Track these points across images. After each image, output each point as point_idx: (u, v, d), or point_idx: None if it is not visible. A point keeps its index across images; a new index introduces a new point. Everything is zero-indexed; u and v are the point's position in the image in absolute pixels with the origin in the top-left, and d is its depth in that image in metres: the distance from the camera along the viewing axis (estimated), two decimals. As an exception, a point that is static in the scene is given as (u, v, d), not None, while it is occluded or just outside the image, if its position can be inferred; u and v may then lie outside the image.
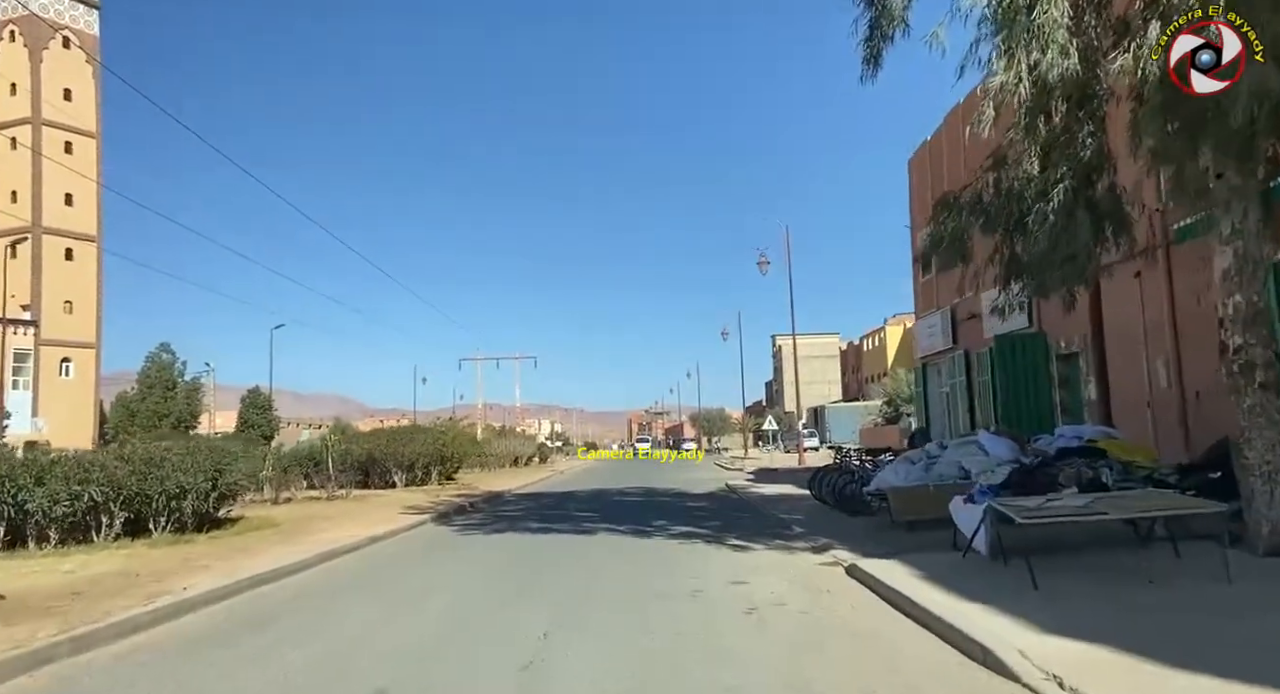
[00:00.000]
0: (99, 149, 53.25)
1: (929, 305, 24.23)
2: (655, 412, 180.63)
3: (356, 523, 15.05)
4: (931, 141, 23.52)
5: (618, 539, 12.74)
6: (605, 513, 17.25)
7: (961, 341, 21.83)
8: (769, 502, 17.90)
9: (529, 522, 15.85)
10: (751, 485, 23.61)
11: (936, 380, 24.97)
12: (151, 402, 47.57)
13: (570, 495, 23.59)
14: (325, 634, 6.88)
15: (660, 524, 14.72)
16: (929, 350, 24.23)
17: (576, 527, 14.72)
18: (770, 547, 11.42)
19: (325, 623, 7.25)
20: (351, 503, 19.90)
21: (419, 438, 24.92)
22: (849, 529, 12.31)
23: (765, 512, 16.09)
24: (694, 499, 20.75)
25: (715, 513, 16.76)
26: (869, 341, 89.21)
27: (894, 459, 14.46)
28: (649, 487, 25.86)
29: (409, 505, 18.86)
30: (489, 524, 15.83)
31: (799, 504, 16.63)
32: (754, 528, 13.69)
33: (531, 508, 19.52)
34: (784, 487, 22.19)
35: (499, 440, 48.03)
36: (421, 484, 25.61)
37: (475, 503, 20.61)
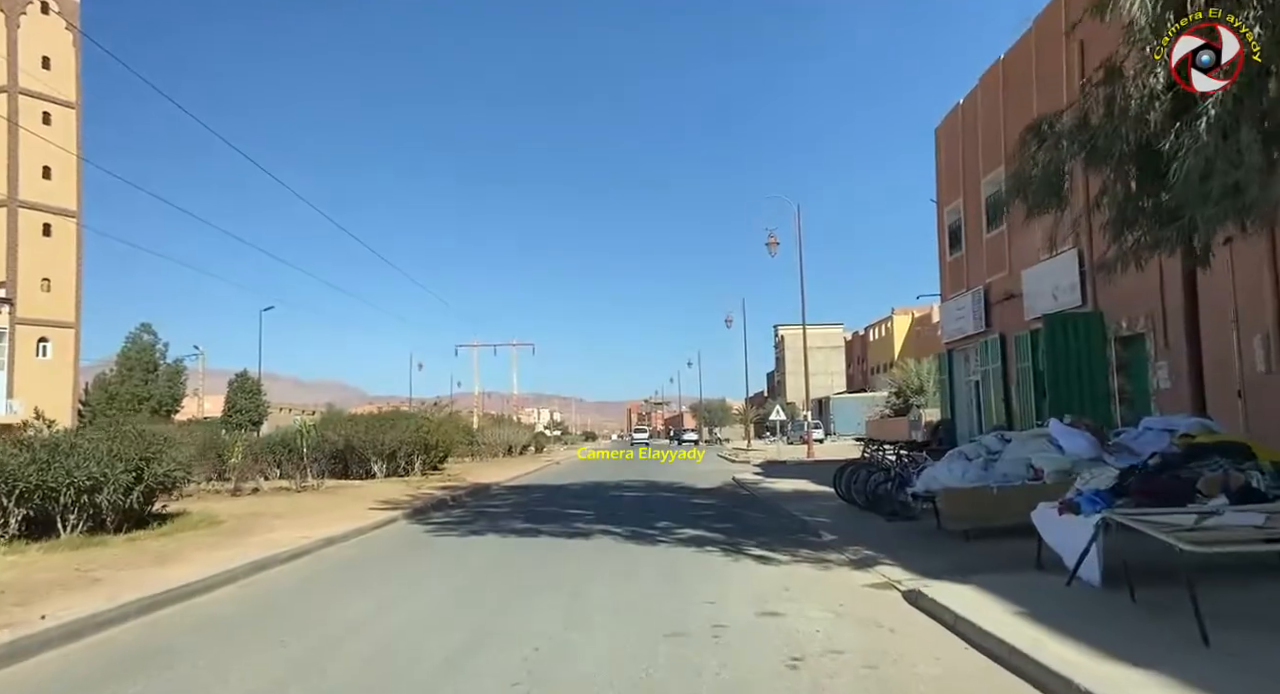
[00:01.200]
0: (79, 120, 51.06)
1: (957, 286, 22.21)
2: (655, 401, 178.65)
3: (314, 520, 13.09)
4: (965, 103, 21.45)
5: (615, 546, 10.78)
6: (601, 511, 15.30)
7: (996, 324, 19.82)
8: (785, 499, 15.94)
9: (514, 521, 13.89)
10: (762, 480, 21.66)
11: (963, 368, 22.97)
12: (131, 384, 45.49)
13: (564, 489, 21.64)
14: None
15: (664, 525, 12.77)
16: (956, 335, 22.23)
17: (567, 527, 12.77)
18: (798, 558, 9.46)
19: (199, 685, 5.18)
20: (319, 496, 17.94)
21: (400, 425, 22.95)
22: (889, 537, 10.36)
23: (784, 512, 14.13)
24: (700, 495, 18.79)
25: (726, 512, 14.80)
26: (875, 332, 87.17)
27: (927, 456, 12.51)
28: (650, 480, 23.90)
29: (383, 499, 16.90)
30: (468, 523, 13.89)
31: (821, 503, 14.67)
32: (774, 532, 11.74)
33: (519, 503, 17.57)
34: (798, 482, 20.25)
35: (493, 429, 46.10)
36: (403, 475, 23.66)
37: (458, 496, 18.66)
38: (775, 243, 35.35)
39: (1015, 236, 18.49)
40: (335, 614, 7.05)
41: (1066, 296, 15.98)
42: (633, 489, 20.87)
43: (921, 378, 55.34)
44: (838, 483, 14.29)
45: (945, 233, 23.03)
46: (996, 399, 19.68)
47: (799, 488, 18.54)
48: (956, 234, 22.41)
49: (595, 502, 17.35)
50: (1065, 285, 16.00)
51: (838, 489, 14.31)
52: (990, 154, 19.60)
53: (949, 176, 22.56)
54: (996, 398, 19.67)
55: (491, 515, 15.05)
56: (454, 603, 7.51)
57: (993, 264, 19.81)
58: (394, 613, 7.12)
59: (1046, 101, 16.23)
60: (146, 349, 46.98)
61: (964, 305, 21.47)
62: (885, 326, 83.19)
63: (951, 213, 22.67)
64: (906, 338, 78.46)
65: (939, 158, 23.49)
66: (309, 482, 19.72)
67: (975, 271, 20.98)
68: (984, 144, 20.01)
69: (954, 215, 22.59)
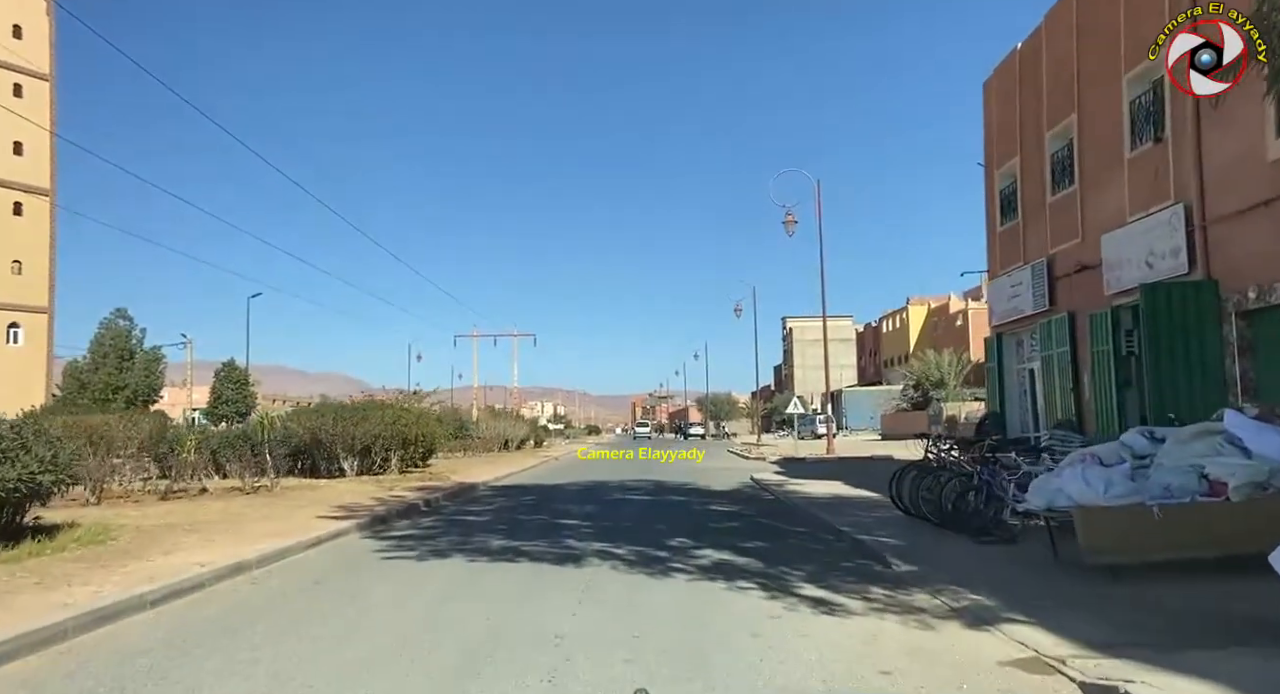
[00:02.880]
0: (53, 93, 48.31)
1: (1011, 260, 19.38)
2: (659, 395, 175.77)
3: (239, 535, 10.38)
4: (1024, 49, 18.57)
5: (614, 579, 8.03)
6: (600, 521, 12.57)
7: (1062, 302, 17.00)
8: (823, 507, 13.17)
9: (492, 535, 11.14)
10: (786, 481, 18.88)
11: (1015, 354, 20.16)
12: (104, 373, 42.82)
13: (559, 491, 18.91)
14: None
15: (679, 544, 10.04)
16: (1009, 316, 19.40)
17: (556, 546, 10.04)
18: (873, 602, 6.73)
19: None
20: (268, 499, 15.21)
21: (373, 417, 20.22)
22: (992, 570, 7.60)
23: (827, 525, 11.36)
24: (717, 500, 16.04)
25: (754, 526, 12.04)
26: (889, 323, 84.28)
27: (1017, 455, 9.75)
28: (657, 480, 21.15)
29: (341, 504, 14.19)
30: (436, 536, 11.17)
31: (872, 515, 11.92)
32: (825, 557, 9.00)
33: (504, 509, 14.84)
34: (829, 483, 17.48)
35: (490, 422, 43.38)
36: (379, 473, 20.94)
37: (434, 500, 15.93)
38: (793, 221, 32.50)
39: (1092, 195, 15.67)
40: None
41: (1166, 263, 13.16)
42: (638, 491, 18.13)
43: (942, 370, 52.60)
44: (895, 489, 11.52)
45: (996, 200, 20.18)
46: (1062, 389, 16.86)
47: (834, 492, 15.77)
48: (1010, 200, 19.57)
49: (594, 508, 14.61)
50: (1165, 250, 13.18)
51: (894, 497, 11.54)
52: (1059, 103, 16.76)
53: (1002, 134, 19.71)
54: (1062, 387, 16.85)
55: (467, 527, 12.31)
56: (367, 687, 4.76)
57: (1059, 231, 16.99)
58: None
59: (1139, 32, 13.41)
60: (121, 335, 44.27)
61: (1020, 281, 18.63)
62: (900, 317, 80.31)
63: (1004, 176, 19.84)
64: (922, 329, 75.58)
65: (988, 115, 20.63)
66: (264, 482, 16.99)
67: (1035, 242, 18.14)
68: (1050, 92, 17.15)
69: (1007, 179, 19.75)
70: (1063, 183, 16.94)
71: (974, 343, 65.15)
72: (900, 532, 10.03)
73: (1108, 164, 14.93)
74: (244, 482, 16.61)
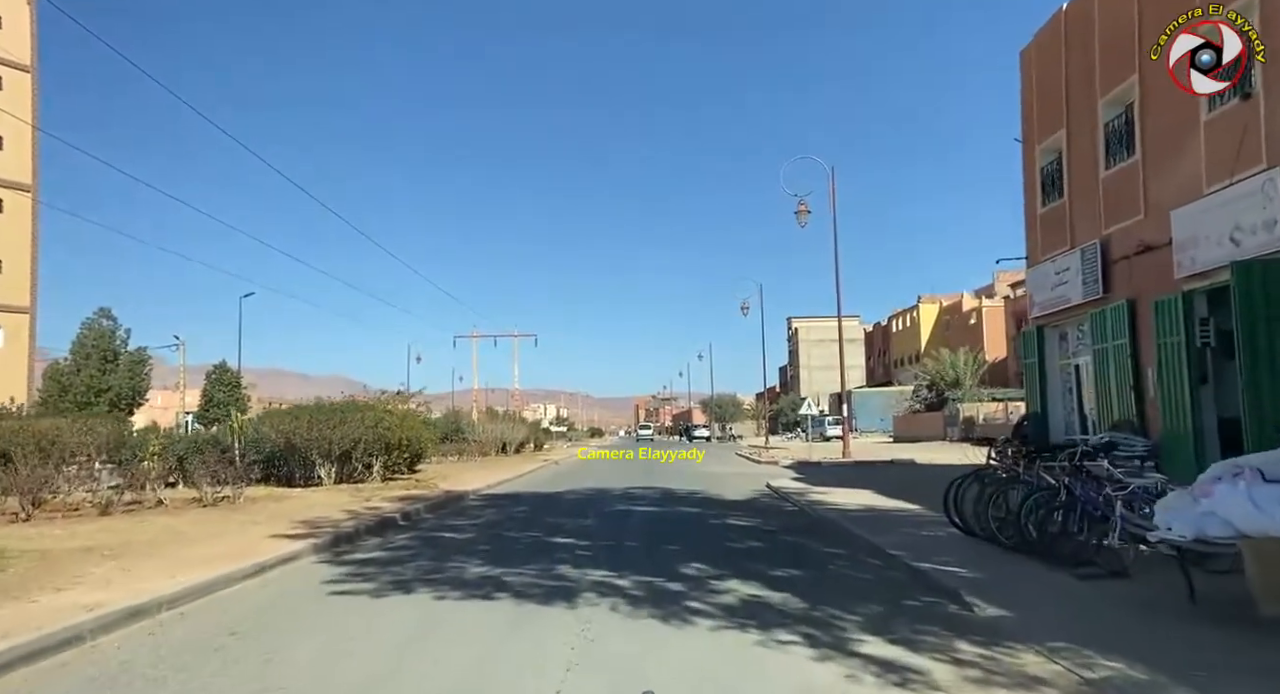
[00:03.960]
0: (35, 86, 46.66)
1: (1055, 244, 17.56)
2: (662, 397, 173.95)
3: (171, 559, 8.65)
4: (1072, 9, 16.74)
5: (617, 626, 6.23)
6: (600, 540, 10.77)
7: (1120, 288, 15.18)
8: (859, 523, 11.35)
9: (471, 559, 9.35)
10: (807, 489, 17.06)
11: (1058, 348, 18.35)
12: (86, 375, 41.08)
13: (556, 500, 17.13)
14: None
15: (696, 572, 8.26)
16: (1053, 306, 17.59)
17: (546, 574, 8.26)
18: (964, 667, 4.97)
19: None
20: (223, 513, 13.43)
21: (353, 419, 18.43)
22: (1113, 616, 5.82)
23: (870, 547, 9.54)
24: (734, 512, 14.22)
25: (783, 546, 10.22)
26: (898, 322, 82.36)
27: (1112, 464, 7.93)
28: (664, 487, 19.36)
29: (305, 519, 12.44)
30: (405, 560, 9.38)
31: (923, 533, 10.12)
32: (879, 592, 7.20)
33: (491, 524, 13.03)
34: (857, 492, 15.67)
35: (487, 424, 41.60)
36: (359, 480, 19.17)
37: (414, 513, 14.16)
38: (806, 211, 30.70)
39: (1158, 166, 13.86)
40: None
41: (1257, 239, 11.35)
42: (644, 501, 16.33)
43: (958, 369, 50.72)
44: (951, 503, 9.70)
45: (1036, 179, 18.36)
46: (1119, 386, 15.04)
47: (865, 503, 13.96)
48: (1054, 178, 17.77)
49: (594, 523, 12.81)
50: (1254, 223, 11.37)
51: (950, 513, 9.73)
52: (1115, 65, 14.95)
53: (1044, 106, 17.89)
54: (1119, 384, 15.03)
55: (444, 547, 10.51)
56: None
57: (1116, 209, 15.18)
58: None
59: None
60: (104, 336, 42.51)
61: (1067, 267, 16.82)
62: (910, 316, 78.40)
63: (1046, 152, 18.02)
64: (934, 328, 73.70)
65: (1027, 86, 18.81)
66: (227, 491, 15.19)
67: (1086, 222, 16.33)
68: (1104, 54, 15.34)
69: (1050, 155, 17.94)
70: (1120, 154, 15.13)
71: (989, 341, 63.31)
72: (966, 557, 8.20)
73: (1178, 129, 13.11)
74: (204, 492, 14.81)
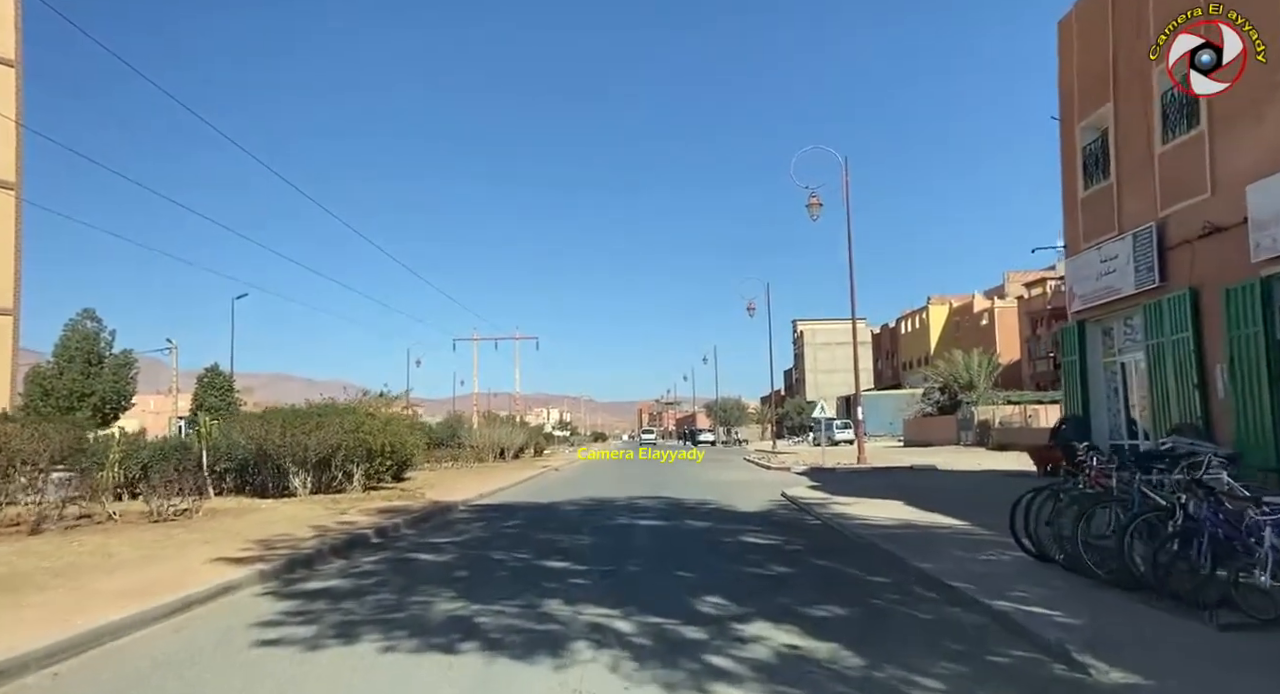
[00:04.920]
0: (19, 80, 45.02)
1: (1101, 230, 15.97)
2: (666, 401, 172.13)
3: (77, 593, 7.16)
4: (1119, -32, 15.18)
5: None
6: (599, 564, 9.20)
7: (1180, 275, 13.59)
8: (897, 542, 9.76)
9: (442, 591, 7.78)
10: (828, 499, 15.46)
11: (1101, 345, 16.75)
12: (69, 378, 39.61)
13: (552, 512, 15.57)
14: None
15: (714, 609, 6.73)
16: (1097, 298, 16.00)
17: (530, 612, 6.72)
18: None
19: None
20: (173, 530, 11.87)
21: (330, 423, 16.86)
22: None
23: (920, 574, 7.95)
24: (750, 527, 12.63)
25: (815, 573, 8.63)
26: (907, 324, 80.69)
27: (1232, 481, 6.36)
28: (671, 498, 17.79)
29: (263, 537, 10.90)
30: (363, 592, 7.81)
31: (976, 555, 8.52)
32: (947, 638, 5.66)
33: (475, 542, 11.46)
34: (886, 505, 14.09)
35: (484, 429, 40.03)
36: (338, 490, 17.60)
37: (391, 528, 12.61)
38: (818, 203, 29.19)
39: (1229, 135, 12.29)
40: None
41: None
42: (648, 513, 14.75)
43: (971, 371, 49.09)
44: (1020, 521, 8.11)
45: (1077, 160, 16.77)
46: (1180, 385, 13.44)
47: (899, 517, 12.36)
48: (1098, 158, 16.18)
49: (592, 541, 11.23)
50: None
51: (1019, 533, 8.13)
52: (1174, 26, 13.32)
53: (1087, 80, 16.31)
54: (1181, 383, 13.43)
55: (416, 574, 8.94)
56: None
57: (1176, 187, 13.60)
58: None
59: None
60: (89, 338, 41.00)
61: (1115, 254, 15.23)
62: (919, 318, 76.76)
63: (1089, 130, 16.44)
64: (944, 330, 72.04)
65: (1066, 58, 17.22)
66: (187, 504, 13.63)
67: (1137, 204, 14.74)
68: (1158, 17, 13.75)
69: (1093, 133, 16.37)
70: (1180, 126, 13.55)
71: (1001, 343, 61.68)
72: (1053, 594, 6.61)
73: (1255, 92, 11.52)
74: (155, 506, 13.21)
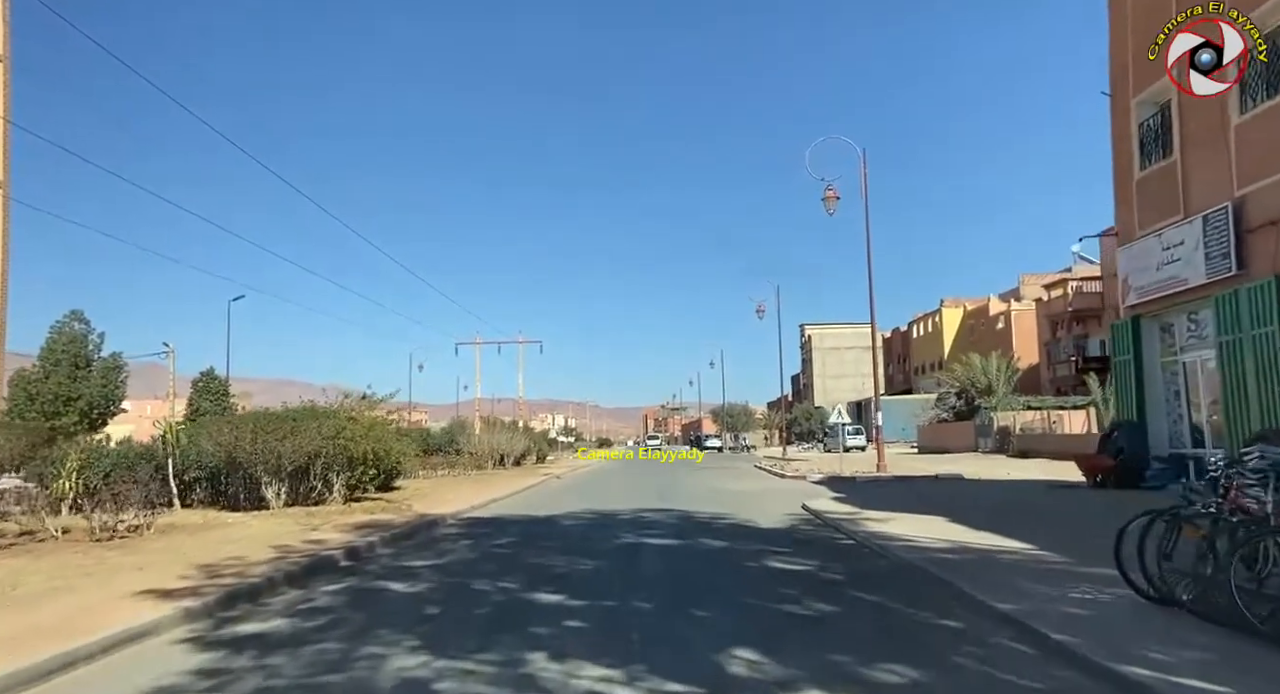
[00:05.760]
0: (7, 76, 43.87)
1: (1162, 213, 14.38)
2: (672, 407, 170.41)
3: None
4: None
5: None
6: (599, 596, 7.63)
7: (1261, 262, 12.02)
8: (956, 571, 8.15)
9: (405, 637, 6.22)
10: (856, 513, 13.85)
11: (1161, 342, 15.14)
12: (55, 382, 38.16)
13: (550, 526, 14.02)
14: None
15: (747, 671, 5.23)
16: (1158, 290, 14.42)
17: (509, 670, 5.20)
18: None
19: None
20: (107, 552, 10.34)
21: (307, 428, 15.32)
22: None
23: (995, 615, 6.36)
24: (775, 548, 11.01)
25: (863, 612, 7.02)
26: (919, 327, 78.94)
27: None
28: (680, 509, 16.22)
29: (210, 561, 9.37)
30: (307, 638, 6.27)
31: (1066, 591, 6.90)
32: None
33: (460, 566, 9.88)
34: (927, 521, 12.47)
35: (486, 435, 38.49)
36: (317, 502, 16.05)
37: (369, 546, 11.08)
38: (835, 197, 27.65)
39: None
40: None
41: None
42: (657, 530, 13.14)
43: (990, 375, 47.40)
44: (1130, 552, 6.49)
45: (1133, 137, 15.20)
46: (1262, 386, 11.84)
47: (949, 538, 10.73)
48: (1159, 134, 14.62)
49: (593, 566, 9.64)
50: None
51: (1125, 565, 6.51)
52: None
53: (1146, 49, 14.71)
54: (1262, 384, 11.84)
55: (378, 610, 7.38)
56: None
57: (1256, 161, 12.03)
58: None
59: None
60: (76, 341, 39.57)
61: (1179, 241, 13.64)
62: (933, 321, 75.05)
63: (1147, 104, 14.89)
64: (958, 333, 70.31)
65: (1119, 26, 15.67)
66: (139, 520, 12.10)
67: (1208, 183, 13.16)
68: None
69: (1151, 107, 14.81)
70: (1261, 93, 11.99)
71: (1018, 346, 59.97)
72: (1202, 655, 5.00)
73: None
74: (100, 522, 11.67)
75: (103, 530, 11.54)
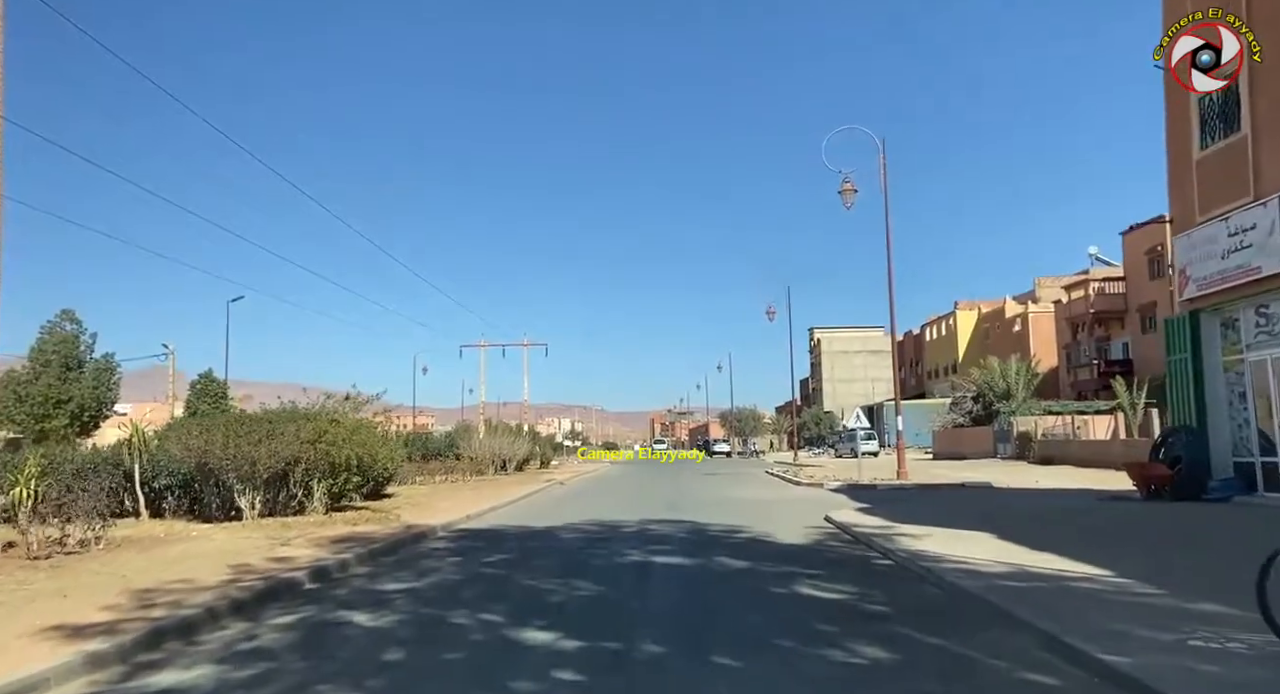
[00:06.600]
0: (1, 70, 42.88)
1: (1227, 196, 13.00)
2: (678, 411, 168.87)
3: None
4: None
5: None
6: (599, 636, 6.26)
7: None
8: (1028, 603, 6.76)
9: (361, 686, 4.88)
10: (889, 527, 12.45)
11: (1224, 339, 13.73)
12: (44, 383, 37.00)
13: (548, 540, 12.68)
14: None
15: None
16: (1223, 281, 13.03)
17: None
18: None
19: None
20: (35, 573, 9.05)
21: (285, 432, 14.01)
22: None
23: (1104, 670, 4.98)
24: (802, 569, 9.63)
25: (927, 660, 5.62)
26: (933, 330, 77.37)
27: None
28: (692, 521, 14.86)
29: (149, 585, 8.11)
30: (229, 697, 4.92)
31: (1180, 635, 5.50)
32: None
33: (440, 591, 8.54)
34: (969, 536, 11.10)
35: (487, 439, 37.18)
36: (296, 510, 14.75)
37: (342, 564, 9.78)
38: (852, 189, 26.32)
39: None
40: None
41: None
42: (666, 546, 11.76)
43: (1009, 379, 45.90)
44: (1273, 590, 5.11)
45: (1193, 112, 13.82)
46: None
47: (1004, 559, 9.33)
48: (1223, 108, 13.22)
49: (594, 592, 8.30)
50: None
51: (1270, 610, 5.13)
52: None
53: (1210, 7, 13.34)
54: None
55: (328, 656, 6.05)
56: None
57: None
58: None
59: None
60: (67, 341, 38.43)
61: (1249, 225, 12.26)
62: (946, 324, 73.52)
63: (1209, 74, 13.43)
64: (973, 336, 68.77)
65: (1174, -9, 14.29)
66: (86, 533, 10.79)
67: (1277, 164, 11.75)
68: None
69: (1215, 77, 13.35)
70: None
71: (1036, 349, 58.43)
72: None
73: None
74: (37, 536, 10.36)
75: (47, 545, 10.25)
